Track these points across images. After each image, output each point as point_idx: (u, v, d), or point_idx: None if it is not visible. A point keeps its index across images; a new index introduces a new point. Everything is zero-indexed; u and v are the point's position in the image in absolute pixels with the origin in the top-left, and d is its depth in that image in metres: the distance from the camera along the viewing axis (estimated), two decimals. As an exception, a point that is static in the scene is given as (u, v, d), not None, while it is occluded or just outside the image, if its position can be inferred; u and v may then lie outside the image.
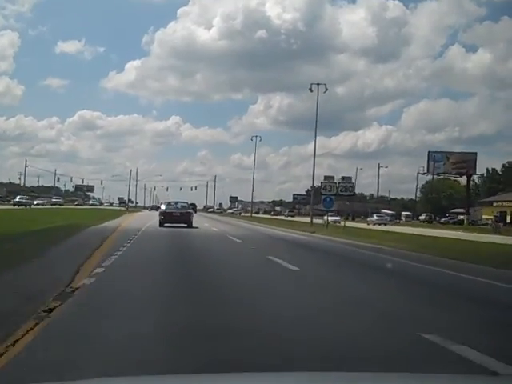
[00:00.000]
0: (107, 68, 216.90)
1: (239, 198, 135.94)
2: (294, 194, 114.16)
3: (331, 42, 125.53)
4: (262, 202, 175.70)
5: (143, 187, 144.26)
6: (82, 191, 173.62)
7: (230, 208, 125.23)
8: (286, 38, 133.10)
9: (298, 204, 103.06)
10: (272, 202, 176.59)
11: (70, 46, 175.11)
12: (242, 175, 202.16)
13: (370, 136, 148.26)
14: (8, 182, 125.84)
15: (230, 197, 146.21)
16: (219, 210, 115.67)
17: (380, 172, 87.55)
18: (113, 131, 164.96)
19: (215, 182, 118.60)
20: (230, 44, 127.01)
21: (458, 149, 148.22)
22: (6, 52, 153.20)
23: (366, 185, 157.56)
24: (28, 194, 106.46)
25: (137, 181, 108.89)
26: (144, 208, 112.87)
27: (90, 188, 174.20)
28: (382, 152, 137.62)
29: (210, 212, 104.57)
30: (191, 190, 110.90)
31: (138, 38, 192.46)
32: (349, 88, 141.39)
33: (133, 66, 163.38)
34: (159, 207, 38.21)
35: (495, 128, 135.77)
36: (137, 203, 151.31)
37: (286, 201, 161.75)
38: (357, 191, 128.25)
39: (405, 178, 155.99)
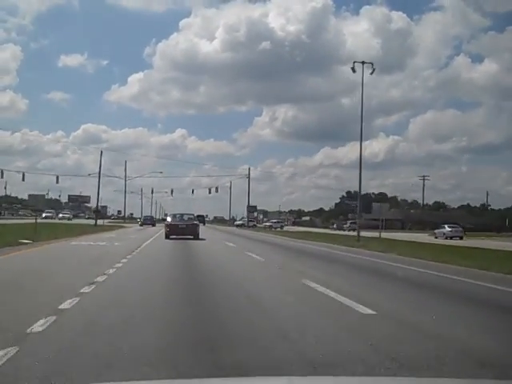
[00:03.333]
0: (110, 81, 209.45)
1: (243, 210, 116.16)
2: (346, 201, 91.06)
3: (335, 54, 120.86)
4: (280, 212, 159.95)
5: (144, 195, 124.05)
6: (77, 202, 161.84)
7: (253, 219, 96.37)
8: (290, 50, 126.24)
9: (351, 213, 79.23)
10: (289, 211, 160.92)
11: (72, 60, 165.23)
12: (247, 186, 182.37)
13: (376, 146, 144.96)
14: (4, 195, 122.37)
15: (248, 206, 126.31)
16: (252, 223, 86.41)
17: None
18: (118, 144, 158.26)
19: (249, 180, 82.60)
20: (234, 56, 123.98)
21: (465, 158, 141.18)
22: (9, 65, 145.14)
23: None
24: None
25: (125, 180, 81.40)
26: (137, 220, 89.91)
27: (86, 199, 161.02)
28: (389, 162, 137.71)
29: (240, 226, 78.54)
30: (209, 192, 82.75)
31: (140, 50, 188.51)
32: (354, 99, 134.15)
33: (136, 79, 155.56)
34: (164, 219, 38.29)
35: (502, 137, 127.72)
36: (131, 214, 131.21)
37: (306, 210, 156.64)
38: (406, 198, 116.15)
39: (412, 187, 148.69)
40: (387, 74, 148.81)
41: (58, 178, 57.26)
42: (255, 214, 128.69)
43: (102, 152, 56.77)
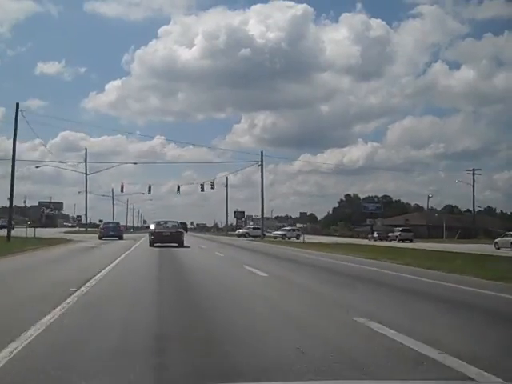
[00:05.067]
0: (88, 88, 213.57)
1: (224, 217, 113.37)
2: (364, 204, 79.50)
3: (315, 61, 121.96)
4: (267, 219, 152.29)
5: (119, 200, 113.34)
6: (49, 207, 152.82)
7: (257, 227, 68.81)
8: (269, 57, 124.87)
9: (370, 218, 67.40)
10: (276, 217, 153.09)
11: (50, 67, 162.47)
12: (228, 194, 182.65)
13: (355, 153, 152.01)
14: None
15: (235, 212, 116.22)
16: (258, 232, 62.95)
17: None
18: (96, 152, 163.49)
19: (262, 168, 55.99)
20: (213, 63, 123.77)
21: (443, 164, 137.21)
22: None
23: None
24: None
25: (86, 174, 64.77)
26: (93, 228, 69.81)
27: (58, 206, 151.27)
28: (368, 168, 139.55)
29: (244, 236, 62.96)
30: (201, 189, 64.86)
31: (118, 58, 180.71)
32: (333, 106, 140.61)
33: (114, 86, 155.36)
34: (147, 227, 37.56)
35: (479, 144, 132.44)
36: (100, 222, 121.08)
37: (293, 216, 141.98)
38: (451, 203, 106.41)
39: (391, 193, 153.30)
40: (366, 80, 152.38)
41: None
42: (244, 219, 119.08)
43: (18, 105, 33.95)
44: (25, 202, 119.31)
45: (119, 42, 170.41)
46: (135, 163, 72.72)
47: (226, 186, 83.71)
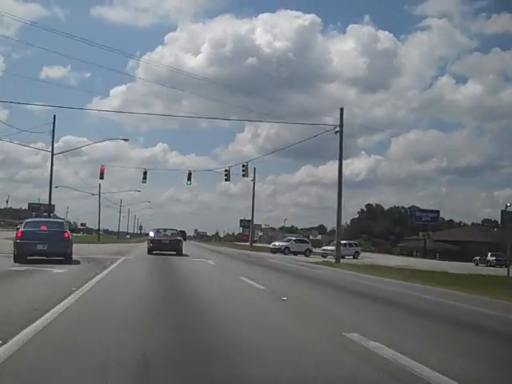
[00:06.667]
0: (93, 93, 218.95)
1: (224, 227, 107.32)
2: (417, 213, 64.64)
3: (321, 71, 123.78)
4: (272, 229, 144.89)
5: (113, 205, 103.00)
6: (39, 212, 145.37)
7: (305, 240, 56.73)
8: (275, 67, 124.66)
9: (424, 231, 53.94)
10: (281, 228, 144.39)
11: (55, 71, 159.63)
12: (227, 203, 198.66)
13: (358, 165, 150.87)
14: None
15: (241, 220, 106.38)
16: (306, 247, 50.52)
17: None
18: (98, 157, 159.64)
19: (341, 134, 32.77)
20: (218, 71, 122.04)
21: (445, 179, 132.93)
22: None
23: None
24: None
25: (52, 154, 33.29)
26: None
27: (50, 208, 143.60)
28: (371, 181, 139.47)
29: (279, 249, 47.91)
30: (226, 179, 46.03)
31: (124, 63, 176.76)
32: (338, 117, 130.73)
33: (118, 92, 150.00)
34: (146, 234, 35.11)
35: (482, 159, 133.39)
36: (83, 225, 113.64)
37: (299, 227, 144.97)
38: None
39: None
40: (371, 93, 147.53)
41: None
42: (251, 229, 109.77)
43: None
44: (7, 201, 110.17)
45: (125, 47, 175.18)
46: (126, 139, 56.47)
47: (254, 179, 60.13)
